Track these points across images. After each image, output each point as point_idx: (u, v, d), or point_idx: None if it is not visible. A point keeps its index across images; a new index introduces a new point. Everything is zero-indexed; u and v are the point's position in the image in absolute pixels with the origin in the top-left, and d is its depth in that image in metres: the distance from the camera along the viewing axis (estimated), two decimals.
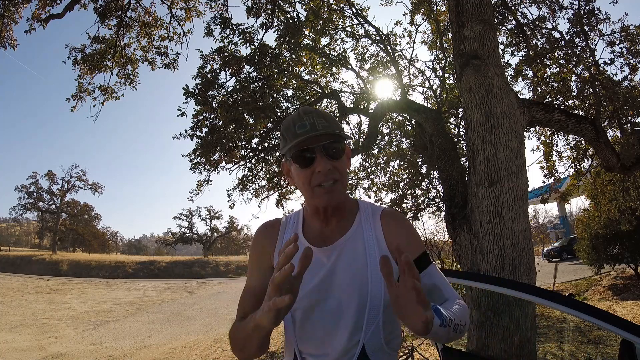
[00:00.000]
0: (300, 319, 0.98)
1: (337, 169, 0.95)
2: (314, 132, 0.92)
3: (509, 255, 3.11)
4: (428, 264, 0.99)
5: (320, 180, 0.94)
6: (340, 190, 0.97)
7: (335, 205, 0.99)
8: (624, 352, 1.31)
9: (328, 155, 0.94)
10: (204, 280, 25.83)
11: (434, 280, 0.98)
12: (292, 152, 0.96)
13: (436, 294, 0.98)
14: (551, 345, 5.49)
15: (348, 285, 0.94)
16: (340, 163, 0.97)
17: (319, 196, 0.95)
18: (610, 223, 10.57)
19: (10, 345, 7.47)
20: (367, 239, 0.99)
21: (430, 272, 0.99)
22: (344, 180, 0.98)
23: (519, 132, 3.37)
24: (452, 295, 0.99)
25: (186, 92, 5.59)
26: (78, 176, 39.37)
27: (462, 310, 0.93)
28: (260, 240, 1.08)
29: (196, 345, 7.57)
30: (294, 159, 0.97)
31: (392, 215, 1.04)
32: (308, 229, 1.05)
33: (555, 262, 15.50)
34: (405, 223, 1.03)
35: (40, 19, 5.62)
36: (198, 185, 7.10)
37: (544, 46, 6.15)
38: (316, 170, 0.94)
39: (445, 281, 1.01)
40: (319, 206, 0.98)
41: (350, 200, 1.09)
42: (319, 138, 0.94)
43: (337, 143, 0.96)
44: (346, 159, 1.01)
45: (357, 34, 7.10)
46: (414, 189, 8.40)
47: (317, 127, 0.93)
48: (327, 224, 1.03)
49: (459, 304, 0.94)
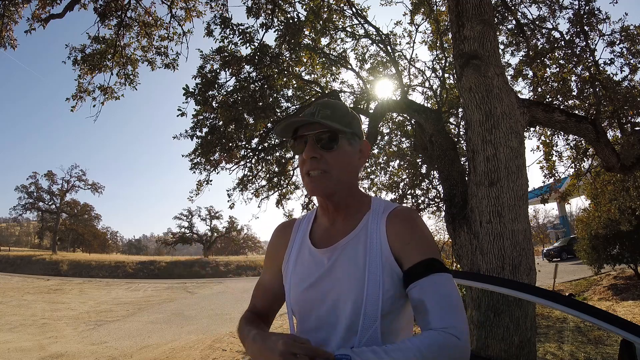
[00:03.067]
0: (300, 319, 0.99)
1: (328, 161, 0.94)
2: (308, 119, 0.94)
3: (509, 255, 3.11)
4: (426, 274, 0.84)
5: (308, 168, 0.95)
6: (330, 181, 0.94)
7: (330, 198, 0.98)
8: (624, 352, 1.31)
9: (319, 145, 0.94)
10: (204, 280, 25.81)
11: (423, 296, 0.82)
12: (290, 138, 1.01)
13: (419, 314, 0.82)
14: (551, 345, 5.49)
15: (344, 288, 0.91)
16: (334, 155, 0.95)
17: (306, 184, 0.97)
18: (610, 223, 10.57)
19: (10, 345, 7.46)
20: (370, 241, 0.94)
21: (424, 285, 0.83)
22: (336, 173, 0.94)
23: (519, 132, 3.37)
24: (440, 324, 0.77)
25: (186, 92, 5.60)
26: (78, 176, 39.37)
27: (420, 351, 0.72)
28: (274, 240, 1.13)
29: (196, 345, 7.56)
30: (291, 145, 1.02)
31: (399, 215, 0.96)
32: (316, 229, 1.06)
33: (555, 262, 15.51)
34: (411, 224, 0.93)
35: (40, 19, 5.62)
36: (198, 185, 7.10)
37: (544, 46, 6.15)
38: (303, 157, 0.95)
39: (443, 303, 0.80)
40: (309, 194, 1.01)
41: (362, 197, 1.04)
42: (311, 126, 0.95)
43: (330, 134, 0.95)
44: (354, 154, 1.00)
45: (357, 34, 7.10)
46: (414, 189, 8.40)
47: (315, 115, 0.94)
48: (332, 222, 1.02)
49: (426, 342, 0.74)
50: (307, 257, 1.01)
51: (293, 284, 1.00)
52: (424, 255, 0.87)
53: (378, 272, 0.89)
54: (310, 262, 0.99)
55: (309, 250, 1.01)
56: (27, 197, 39.09)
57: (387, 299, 0.88)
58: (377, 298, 0.88)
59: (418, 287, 0.84)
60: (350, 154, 0.98)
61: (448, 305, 0.80)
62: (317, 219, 1.08)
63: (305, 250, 1.02)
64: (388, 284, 0.89)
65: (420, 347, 0.73)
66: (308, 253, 1.01)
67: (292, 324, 1.02)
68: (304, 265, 1.00)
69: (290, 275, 1.02)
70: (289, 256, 1.05)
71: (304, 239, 1.05)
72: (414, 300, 0.84)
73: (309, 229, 1.06)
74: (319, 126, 0.94)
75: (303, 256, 1.02)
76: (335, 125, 0.93)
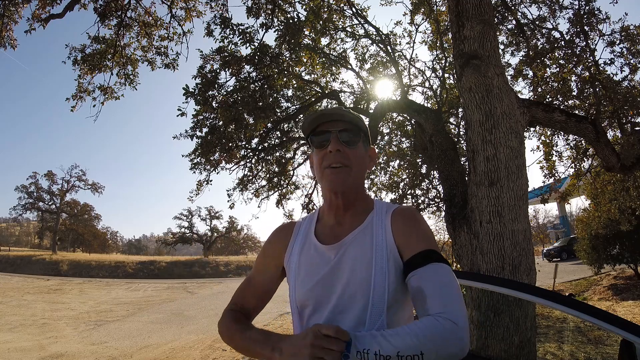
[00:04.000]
0: (306, 315, 0.99)
1: (349, 155, 0.99)
2: (330, 114, 1.00)
3: (509, 255, 3.11)
4: (425, 264, 0.86)
5: (331, 161, 0.98)
6: (350, 175, 0.99)
7: (345, 193, 1.00)
8: (624, 352, 1.31)
9: (341, 141, 0.99)
10: (204, 280, 25.81)
11: (421, 284, 0.84)
12: (310, 135, 1.04)
13: (418, 301, 0.84)
14: (551, 345, 5.49)
15: (352, 280, 0.94)
16: (354, 151, 1.00)
17: (327, 177, 0.99)
18: (610, 223, 10.56)
19: (10, 345, 7.46)
20: (376, 236, 0.98)
21: (423, 274, 0.85)
22: (355, 168, 1.00)
23: (519, 132, 3.37)
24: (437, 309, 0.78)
25: (186, 92, 5.59)
26: (78, 176, 39.38)
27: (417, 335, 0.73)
28: (272, 240, 1.13)
29: (196, 345, 7.56)
30: (311, 141, 1.04)
31: (402, 212, 1.01)
32: (321, 228, 1.07)
33: (555, 262, 15.50)
34: (412, 220, 0.98)
35: (40, 19, 5.62)
36: (198, 185, 7.10)
37: (544, 46, 6.14)
38: (328, 151, 0.98)
39: (441, 290, 0.82)
40: (329, 190, 1.01)
41: (367, 199, 1.08)
42: (335, 124, 1.00)
43: (352, 132, 1.01)
44: (366, 156, 1.06)
45: (357, 34, 7.10)
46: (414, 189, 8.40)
47: (335, 112, 1.00)
48: (339, 222, 1.04)
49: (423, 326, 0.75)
50: (312, 254, 1.02)
51: (299, 281, 1.00)
52: (424, 247, 0.91)
53: (384, 264, 0.93)
54: (316, 258, 1.00)
55: (314, 247, 1.02)
56: (27, 197, 39.11)
57: (392, 290, 0.92)
58: (384, 288, 0.91)
59: (417, 275, 0.86)
60: (364, 156, 1.05)
61: (446, 293, 0.81)
62: (321, 219, 1.09)
63: (311, 247, 1.03)
64: (393, 276, 0.93)
65: (417, 332, 0.74)
66: (314, 250, 1.02)
67: (298, 322, 1.01)
68: (309, 262, 1.01)
69: (294, 272, 1.02)
70: (291, 254, 1.06)
71: (308, 237, 1.06)
72: (413, 288, 0.86)
73: (312, 228, 1.07)
74: (342, 124, 1.00)
75: (308, 253, 1.03)
76: (359, 123, 1.01)
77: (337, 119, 1.00)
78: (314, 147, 1.03)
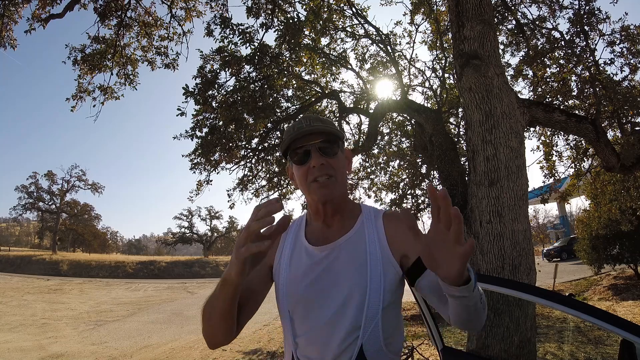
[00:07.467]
0: (298, 318, 0.98)
1: (332, 166, 0.99)
2: (310, 129, 0.98)
3: (509, 255, 3.11)
4: None
5: (315, 175, 0.98)
6: (336, 185, 0.99)
7: (333, 201, 1.00)
8: (624, 352, 1.31)
9: (322, 153, 0.99)
10: (204, 280, 25.83)
11: None
12: (289, 151, 1.02)
13: (439, 292, 0.89)
14: (551, 345, 5.49)
15: (347, 282, 0.94)
16: (335, 161, 1.00)
17: (315, 191, 0.98)
18: (611, 223, 10.57)
19: (10, 345, 7.47)
20: (369, 238, 0.99)
21: None
22: (339, 177, 1.00)
23: (519, 132, 3.37)
24: None
25: (186, 92, 5.59)
26: (78, 176, 39.37)
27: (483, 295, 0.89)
28: None
29: (196, 345, 7.56)
30: (291, 158, 1.02)
31: (394, 215, 1.04)
32: (310, 231, 1.07)
33: (555, 262, 15.49)
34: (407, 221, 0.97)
35: (40, 19, 5.62)
36: (198, 185, 7.11)
37: (544, 46, 6.15)
38: (311, 166, 0.98)
39: None
40: (318, 202, 1.01)
41: (353, 203, 1.10)
42: (314, 137, 0.99)
43: (330, 142, 1.00)
44: (345, 160, 1.06)
45: (357, 34, 7.11)
46: (414, 189, 8.41)
47: (312, 127, 0.99)
48: (329, 225, 1.04)
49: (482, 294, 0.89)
50: (303, 256, 1.01)
51: (289, 281, 0.99)
52: None
53: (379, 265, 0.95)
54: (307, 260, 1.00)
55: (305, 249, 1.02)
56: (27, 197, 39.11)
57: (387, 290, 0.94)
58: (379, 291, 0.93)
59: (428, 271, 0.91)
60: (344, 160, 1.05)
61: None
62: (310, 223, 1.09)
63: (301, 249, 1.03)
64: (387, 279, 0.95)
65: (482, 294, 0.87)
66: (304, 252, 1.02)
67: (289, 323, 0.99)
68: (300, 264, 1.00)
69: (284, 273, 1.01)
70: (281, 256, 1.05)
71: (299, 239, 1.05)
72: (433, 282, 0.91)
73: (302, 230, 1.07)
74: (316, 136, 0.99)
75: (299, 255, 1.02)
76: (335, 131, 1.01)
77: (315, 131, 0.99)
78: (295, 163, 1.02)
